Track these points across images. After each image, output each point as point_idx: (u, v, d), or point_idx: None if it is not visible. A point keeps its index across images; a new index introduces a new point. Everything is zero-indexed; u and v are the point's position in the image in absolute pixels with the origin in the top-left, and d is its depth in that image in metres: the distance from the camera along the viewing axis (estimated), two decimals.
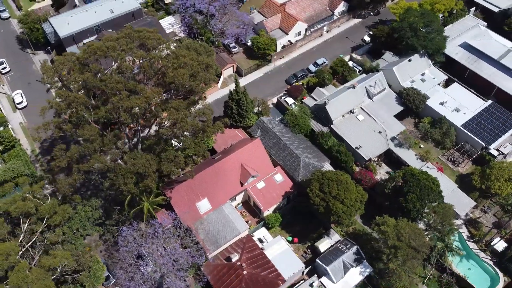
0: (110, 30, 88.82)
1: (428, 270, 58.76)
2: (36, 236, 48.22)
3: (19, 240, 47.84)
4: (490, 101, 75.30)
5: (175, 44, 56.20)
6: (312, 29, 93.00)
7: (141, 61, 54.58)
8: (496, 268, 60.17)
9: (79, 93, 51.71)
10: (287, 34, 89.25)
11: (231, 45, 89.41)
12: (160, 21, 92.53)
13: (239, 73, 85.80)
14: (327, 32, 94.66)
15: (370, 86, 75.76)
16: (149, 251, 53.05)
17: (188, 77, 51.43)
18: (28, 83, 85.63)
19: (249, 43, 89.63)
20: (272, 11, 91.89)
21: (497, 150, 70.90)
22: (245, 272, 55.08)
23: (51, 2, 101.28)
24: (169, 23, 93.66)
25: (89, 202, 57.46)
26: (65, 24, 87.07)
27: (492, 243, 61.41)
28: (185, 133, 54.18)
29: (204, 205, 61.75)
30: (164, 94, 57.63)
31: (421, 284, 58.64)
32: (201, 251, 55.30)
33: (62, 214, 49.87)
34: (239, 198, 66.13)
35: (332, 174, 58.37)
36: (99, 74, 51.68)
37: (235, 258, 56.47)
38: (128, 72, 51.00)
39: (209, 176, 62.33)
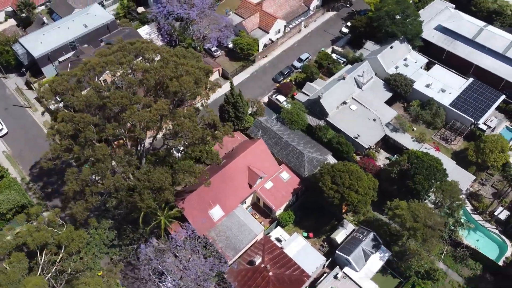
0: (86, 46, 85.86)
1: (443, 246, 60.79)
2: (55, 267, 45.97)
3: (38, 274, 45.48)
4: (471, 79, 78.78)
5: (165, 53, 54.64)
6: (290, 26, 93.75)
7: (140, 73, 53.14)
8: (502, 236, 63.12)
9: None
10: (267, 32, 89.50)
11: (212, 49, 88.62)
12: (138, 30, 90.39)
13: (225, 76, 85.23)
14: (305, 27, 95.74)
15: (359, 76, 77.32)
16: (171, 266, 51.81)
17: (194, 84, 50.63)
18: (5, 108, 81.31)
19: (230, 45, 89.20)
20: (249, 11, 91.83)
21: (485, 124, 74.33)
22: (270, 273, 54.98)
23: (16, 23, 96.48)
24: (146, 33, 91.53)
25: (101, 224, 55.38)
26: (37, 43, 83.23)
27: (495, 213, 64.32)
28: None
29: (217, 212, 61.01)
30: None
31: (437, 261, 60.59)
32: (223, 259, 54.60)
33: (79, 240, 47.80)
34: (248, 201, 65.81)
35: (342, 166, 59.22)
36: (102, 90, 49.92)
37: (258, 260, 56.20)
38: (132, 85, 49.51)
39: (218, 182, 61.56)
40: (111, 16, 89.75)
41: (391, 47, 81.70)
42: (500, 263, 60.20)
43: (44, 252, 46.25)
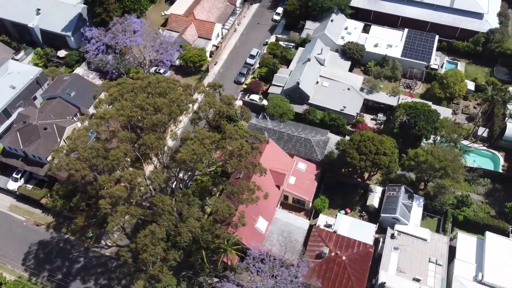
0: (22, 109, 74.96)
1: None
2: None
3: None
4: (406, 29, 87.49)
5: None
6: (226, 28, 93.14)
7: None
8: (490, 150, 72.56)
9: None
10: (210, 39, 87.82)
11: (161, 71, 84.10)
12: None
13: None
14: (238, 25, 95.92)
15: (318, 54, 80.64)
16: None
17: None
18: None
19: (177, 63, 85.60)
20: (182, 24, 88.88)
21: (434, 64, 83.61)
22: (343, 257, 55.88)
23: None
24: (82, 74, 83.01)
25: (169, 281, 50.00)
26: None
27: (478, 134, 73.46)
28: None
29: (262, 224, 59.59)
30: None
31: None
32: (298, 263, 53.82)
33: None
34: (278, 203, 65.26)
35: (360, 136, 62.00)
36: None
37: (326, 251, 56.54)
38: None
39: None
40: (38, 69, 79.45)
41: (332, 21, 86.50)
42: (500, 170, 69.44)
43: None
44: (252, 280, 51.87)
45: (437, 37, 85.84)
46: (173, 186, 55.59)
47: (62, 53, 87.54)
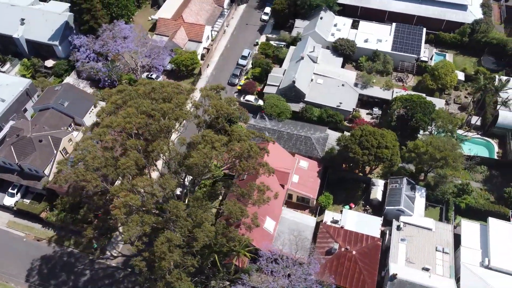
0: (13, 122, 73.03)
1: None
2: None
3: None
4: (394, 23, 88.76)
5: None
6: (216, 29, 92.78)
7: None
8: (484, 137, 74.26)
9: None
10: (200, 42, 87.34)
11: (154, 76, 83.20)
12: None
13: None
14: (227, 27, 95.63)
15: (310, 52, 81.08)
16: None
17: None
18: None
19: (168, 67, 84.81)
20: (171, 28, 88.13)
21: (424, 56, 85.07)
22: (354, 252, 56.35)
23: None
24: (72, 83, 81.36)
25: None
26: None
27: (471, 123, 75.10)
28: None
29: (270, 224, 59.58)
30: None
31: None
32: (310, 260, 54.00)
33: None
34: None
35: (360, 131, 62.61)
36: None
37: (336, 246, 56.89)
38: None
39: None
40: (27, 80, 77.56)
41: (321, 18, 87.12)
42: (496, 157, 71.19)
43: None
44: (266, 281, 51.79)
45: (424, 30, 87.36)
46: (179, 192, 55.06)
47: (49, 63, 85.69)
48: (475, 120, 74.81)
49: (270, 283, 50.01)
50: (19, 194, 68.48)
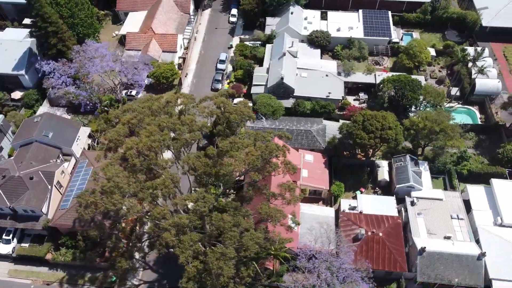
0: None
1: None
2: None
3: None
4: (360, 10, 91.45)
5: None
6: (186, 37, 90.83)
7: None
8: (466, 106, 78.56)
9: None
10: (175, 52, 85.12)
11: (133, 93, 79.98)
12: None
13: None
14: (197, 33, 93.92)
15: (289, 47, 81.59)
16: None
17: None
18: None
19: (146, 82, 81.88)
20: (142, 41, 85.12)
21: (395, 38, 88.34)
22: (380, 234, 57.47)
23: None
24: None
25: None
26: None
27: (451, 94, 79.15)
28: None
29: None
30: None
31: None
32: (343, 249, 54.41)
33: None
34: None
35: (361, 116, 63.95)
36: None
37: (362, 232, 57.71)
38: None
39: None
40: None
41: (292, 13, 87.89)
42: (479, 122, 75.62)
43: None
44: (298, 280, 51.62)
45: (390, 13, 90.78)
46: None
47: (17, 94, 79.71)
48: (455, 91, 78.92)
49: (313, 280, 49.71)
50: (15, 239, 63.20)
